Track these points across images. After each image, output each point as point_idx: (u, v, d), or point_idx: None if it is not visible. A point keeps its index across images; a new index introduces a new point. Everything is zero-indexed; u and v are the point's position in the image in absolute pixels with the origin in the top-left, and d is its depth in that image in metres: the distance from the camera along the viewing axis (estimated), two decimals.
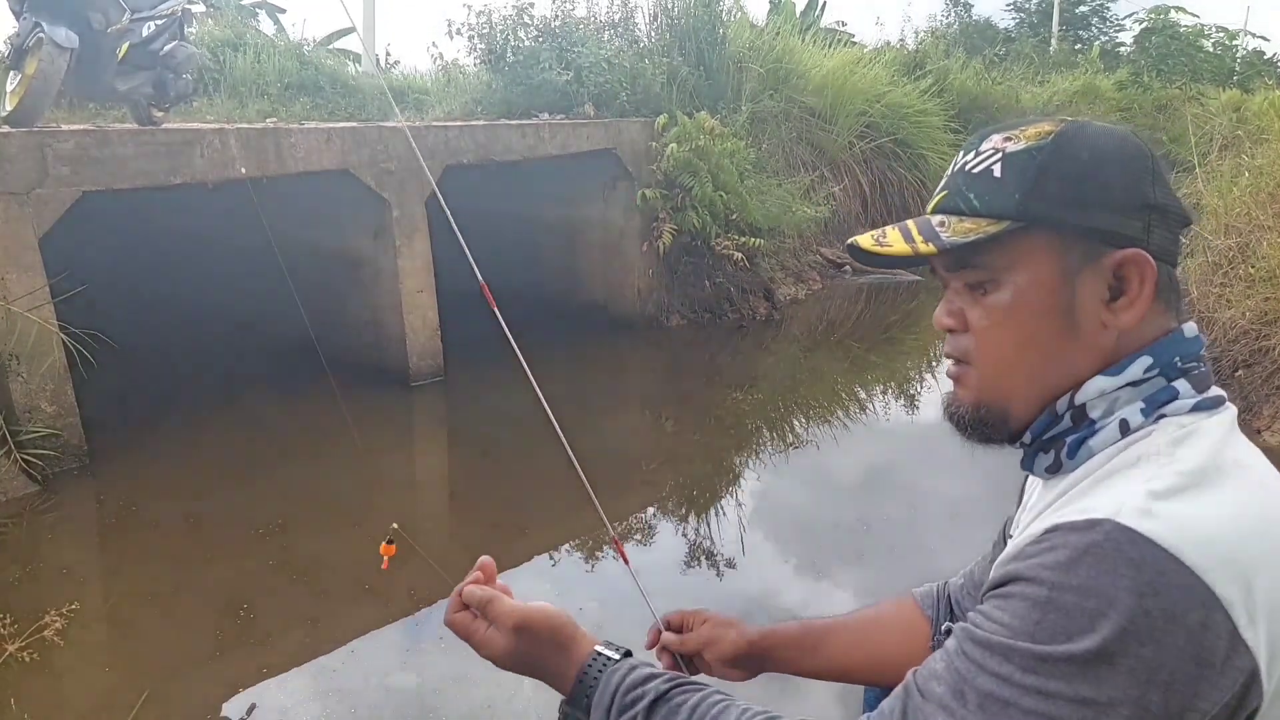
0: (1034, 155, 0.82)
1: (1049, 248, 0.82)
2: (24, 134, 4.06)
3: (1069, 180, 0.81)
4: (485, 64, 7.83)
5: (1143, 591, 0.65)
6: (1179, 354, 0.82)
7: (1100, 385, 0.81)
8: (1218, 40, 22.19)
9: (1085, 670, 0.65)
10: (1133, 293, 0.80)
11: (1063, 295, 0.81)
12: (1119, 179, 0.81)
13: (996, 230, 0.81)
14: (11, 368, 4.04)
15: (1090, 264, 0.81)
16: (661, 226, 6.78)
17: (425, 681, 2.86)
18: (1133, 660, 0.65)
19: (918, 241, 0.85)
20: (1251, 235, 5.27)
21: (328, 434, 5.09)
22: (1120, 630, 0.65)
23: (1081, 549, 0.68)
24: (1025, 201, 0.81)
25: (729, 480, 4.53)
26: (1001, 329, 0.84)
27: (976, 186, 0.84)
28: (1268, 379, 4.64)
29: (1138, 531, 0.67)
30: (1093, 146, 0.82)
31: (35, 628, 2.01)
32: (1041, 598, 0.68)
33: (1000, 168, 0.83)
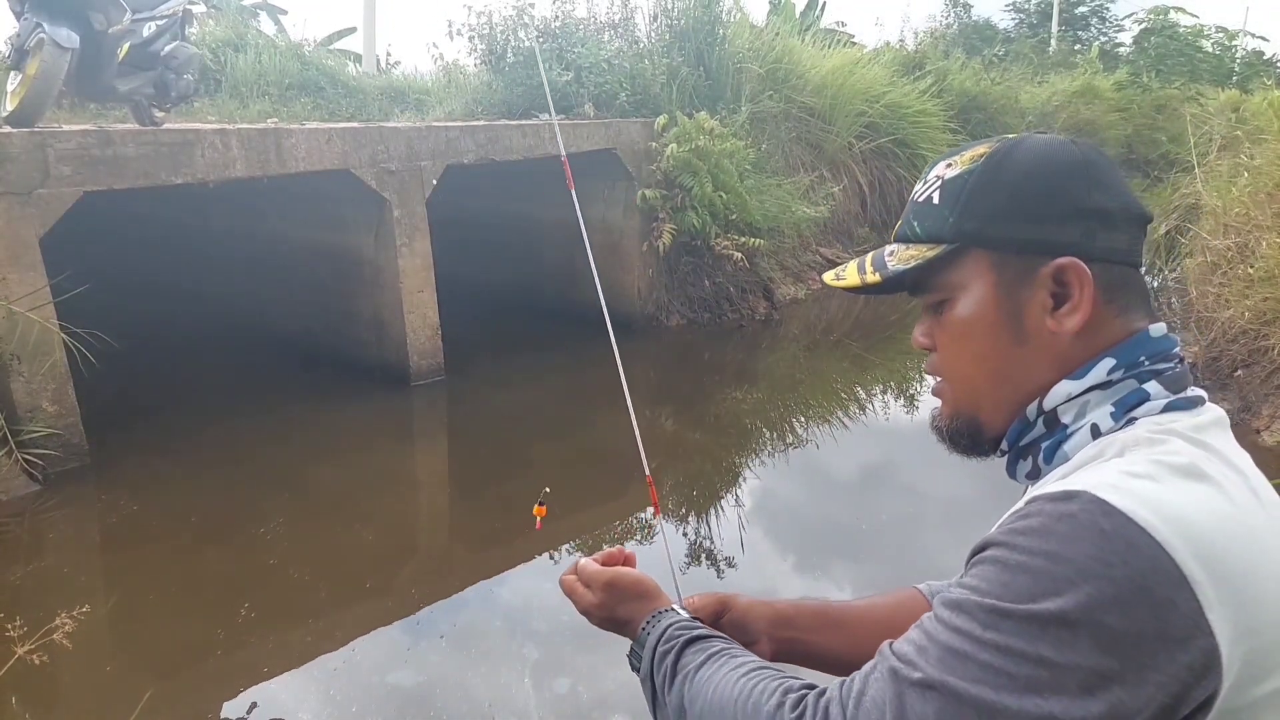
0: (965, 179, 0.87)
1: (986, 264, 0.86)
2: (25, 134, 4.07)
3: (997, 198, 0.85)
4: (485, 64, 7.85)
5: (1111, 561, 0.66)
6: (1144, 354, 0.83)
7: (1066, 389, 0.83)
8: (1217, 40, 22.22)
9: (1045, 631, 0.67)
10: (1074, 299, 0.83)
11: (1005, 307, 0.85)
12: (1047, 190, 0.84)
13: (934, 254, 0.87)
14: (13, 367, 4.04)
15: (1029, 275, 0.84)
16: (661, 226, 6.79)
17: (426, 680, 2.86)
18: (1094, 627, 0.66)
19: (868, 273, 0.92)
20: (1250, 235, 5.28)
21: (329, 432, 5.10)
22: (1085, 597, 0.66)
23: (1055, 516, 0.70)
24: (958, 223, 0.86)
25: (729, 480, 4.54)
26: (958, 344, 0.90)
27: (919, 214, 0.90)
28: (1266, 379, 4.65)
29: (1111, 504, 0.69)
30: (1022, 162, 0.86)
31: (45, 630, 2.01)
32: (1011, 561, 0.70)
33: (938, 194, 0.89)
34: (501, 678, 2.84)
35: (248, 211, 6.26)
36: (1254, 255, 5.09)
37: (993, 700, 0.67)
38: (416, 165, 5.49)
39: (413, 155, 5.47)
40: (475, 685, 2.80)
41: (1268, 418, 4.48)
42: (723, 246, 6.96)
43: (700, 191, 6.72)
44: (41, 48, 4.34)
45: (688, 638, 0.96)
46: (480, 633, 3.12)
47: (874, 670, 0.75)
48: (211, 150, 4.59)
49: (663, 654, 0.96)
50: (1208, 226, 5.86)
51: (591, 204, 7.28)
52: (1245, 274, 5.07)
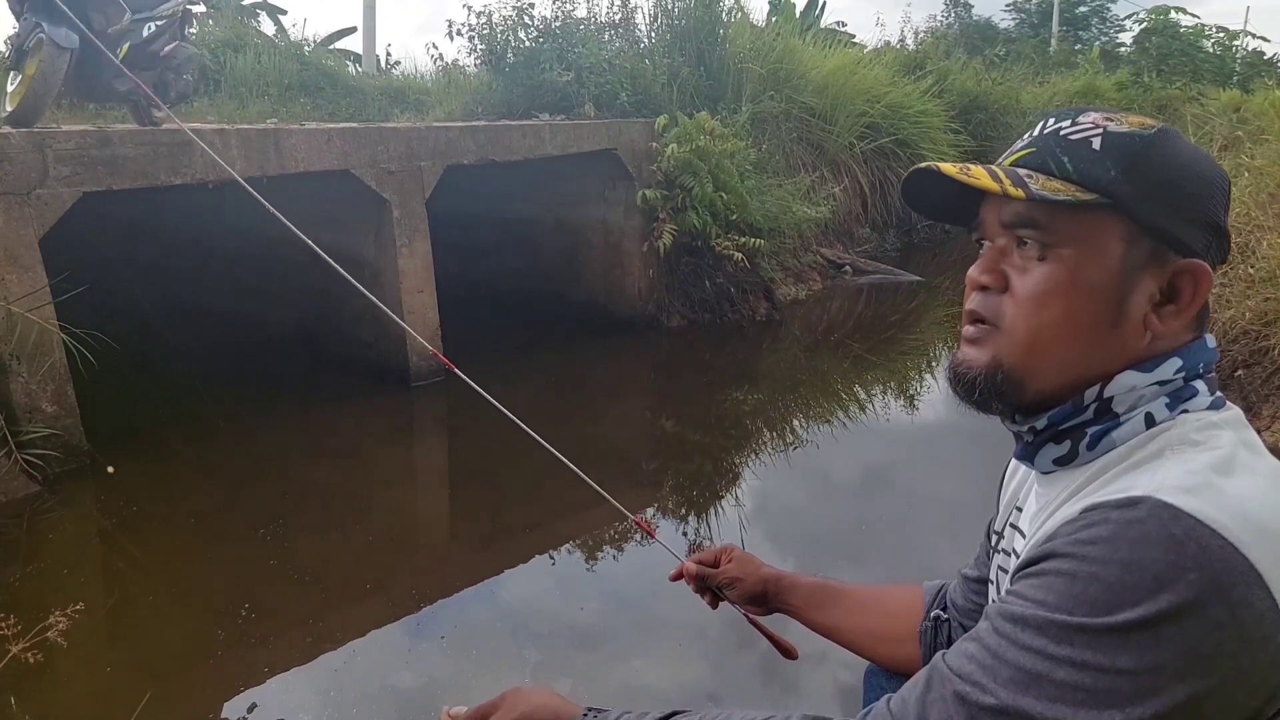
0: (1135, 140, 0.83)
1: (1123, 234, 0.82)
2: (24, 134, 4.07)
3: (1161, 177, 0.82)
4: (486, 65, 7.85)
5: (1186, 565, 0.65)
6: (1203, 360, 0.84)
7: (1132, 380, 0.82)
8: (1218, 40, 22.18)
9: (1126, 640, 0.65)
10: (1183, 301, 0.82)
11: (1121, 284, 0.82)
12: (1202, 193, 0.83)
13: (1086, 199, 0.81)
14: (12, 368, 4.04)
15: (1154, 263, 0.82)
16: (661, 227, 6.78)
17: (427, 680, 2.86)
18: (1175, 631, 0.64)
19: (1005, 183, 0.83)
20: (1251, 235, 5.27)
21: (329, 433, 5.10)
22: (1164, 604, 0.64)
23: (1123, 524, 0.68)
24: (1120, 181, 0.81)
25: (729, 480, 4.53)
26: (1050, 299, 0.83)
27: (1073, 152, 0.83)
28: (1267, 379, 4.64)
29: (1179, 508, 0.68)
30: (1185, 156, 0.84)
31: (39, 628, 2.01)
32: (1082, 572, 0.68)
33: (1100, 142, 0.83)
34: (503, 678, 2.83)
35: (247, 212, 6.25)
36: (1255, 255, 5.08)
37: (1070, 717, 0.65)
38: (416, 165, 5.48)
39: (413, 155, 5.47)
40: (476, 686, 2.80)
41: (1269, 418, 4.47)
42: (723, 247, 6.95)
43: (701, 192, 6.71)
44: (41, 48, 4.34)
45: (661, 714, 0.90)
46: (481, 633, 3.12)
47: (930, 692, 0.72)
48: (211, 150, 4.58)
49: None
50: None
51: (591, 204, 7.28)
52: (1246, 274, 5.06)
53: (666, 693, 2.70)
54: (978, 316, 0.88)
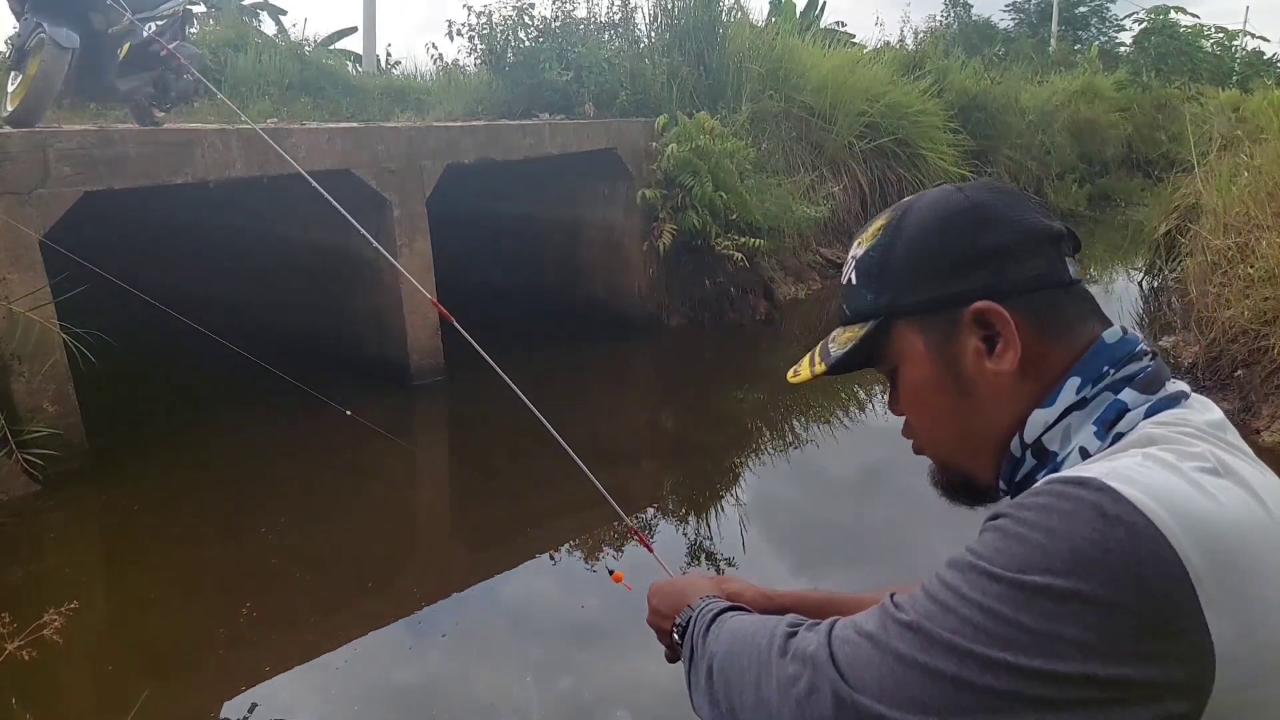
0: (871, 255, 0.91)
1: (914, 330, 0.89)
2: (26, 134, 4.07)
3: (900, 267, 0.88)
4: (486, 64, 7.85)
5: (1109, 548, 0.66)
6: (1106, 363, 0.83)
7: (1042, 418, 0.84)
8: (1217, 40, 22.21)
9: (1030, 601, 0.67)
10: (1004, 336, 0.84)
11: (941, 364, 0.87)
12: (941, 246, 0.87)
13: (863, 333, 0.91)
14: (13, 368, 4.04)
15: (952, 329, 0.86)
16: (661, 226, 6.78)
17: (428, 679, 2.87)
18: (1080, 607, 0.66)
19: (816, 364, 0.97)
20: (1250, 235, 5.28)
21: (329, 433, 5.10)
22: (1074, 579, 0.66)
23: (1062, 496, 0.70)
24: (875, 299, 0.90)
25: (729, 480, 4.54)
26: (916, 408, 0.93)
27: (846, 297, 0.95)
28: (1267, 379, 4.64)
29: (1120, 491, 0.68)
30: (912, 226, 0.89)
31: (35, 626, 2.01)
32: (1010, 530, 0.71)
33: (855, 275, 0.93)
34: (503, 676, 2.84)
35: (247, 211, 6.26)
36: (1254, 255, 5.09)
37: (964, 647, 0.68)
38: (417, 165, 5.49)
39: (413, 155, 5.47)
40: (477, 684, 2.80)
41: (1268, 418, 4.48)
42: (723, 246, 6.95)
43: (700, 191, 6.72)
44: (42, 48, 4.34)
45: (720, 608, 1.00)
46: (481, 631, 3.12)
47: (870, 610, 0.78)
48: (211, 150, 4.59)
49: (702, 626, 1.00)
50: (1208, 226, 5.86)
51: (592, 204, 7.28)
52: (1245, 274, 5.06)
53: (667, 689, 2.71)
54: (907, 434, 0.98)
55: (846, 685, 0.73)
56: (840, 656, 0.75)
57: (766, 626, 0.85)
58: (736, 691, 0.84)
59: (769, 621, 0.87)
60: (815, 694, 0.75)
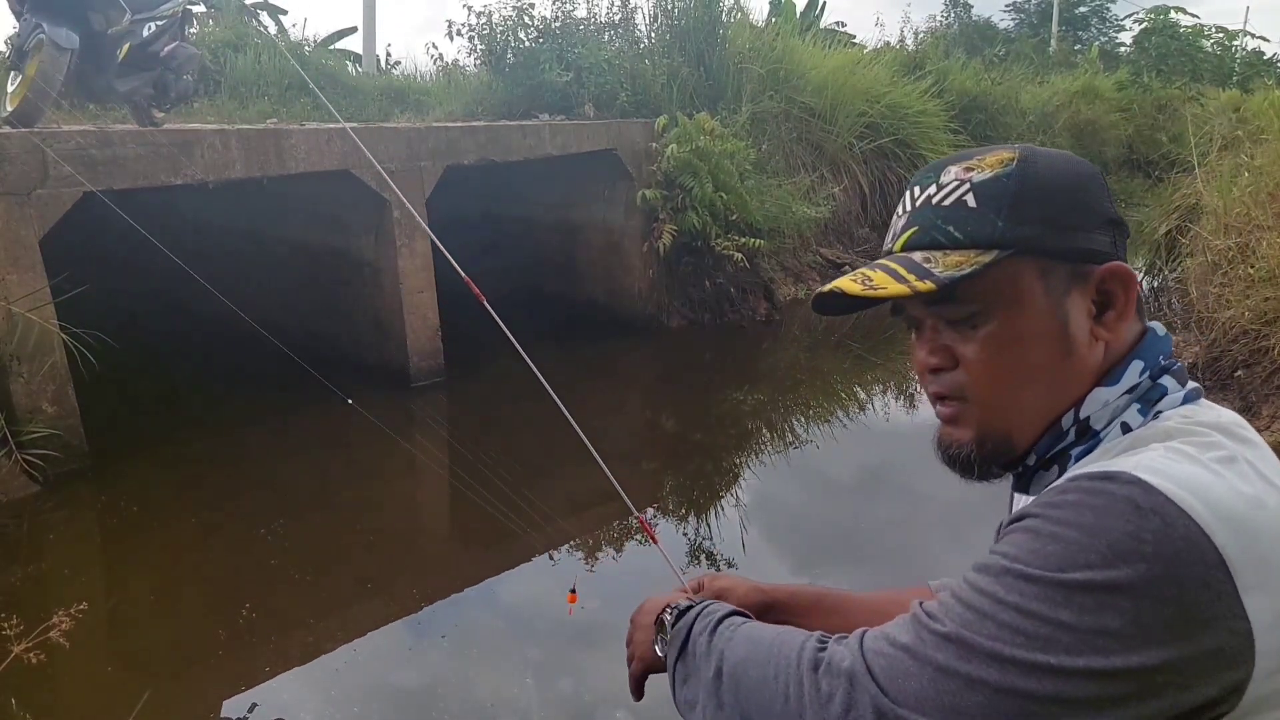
0: (1004, 182, 0.82)
1: (1036, 272, 0.82)
2: (25, 134, 4.07)
3: (1043, 204, 0.82)
4: (485, 65, 7.84)
5: (1145, 539, 0.66)
6: (1161, 351, 0.84)
7: (1103, 396, 0.82)
8: (1217, 40, 22.21)
9: (1070, 598, 0.66)
10: (1119, 305, 0.82)
11: (1056, 317, 0.82)
12: (1085, 198, 0.83)
13: (988, 260, 0.80)
14: (13, 369, 4.04)
15: (1077, 283, 0.82)
16: (661, 227, 6.78)
17: (428, 680, 2.86)
18: (1121, 600, 0.66)
19: (910, 280, 0.83)
20: (1251, 235, 5.27)
21: (329, 433, 5.10)
22: (1114, 572, 0.66)
23: (1094, 492, 0.70)
24: (1008, 228, 0.81)
25: (729, 480, 4.53)
26: (1000, 359, 0.83)
27: (953, 218, 0.83)
28: (1267, 379, 4.64)
29: (1152, 484, 0.68)
30: (1056, 170, 0.84)
31: (41, 628, 2.01)
32: (1044, 530, 0.70)
33: (973, 197, 0.83)
34: (503, 677, 2.83)
35: (247, 212, 6.26)
36: (1255, 255, 5.08)
37: (1006, 654, 0.67)
38: (416, 165, 5.48)
39: (413, 155, 5.47)
40: (477, 685, 2.80)
41: (1268, 418, 4.48)
42: (723, 247, 6.95)
43: (701, 192, 6.72)
44: (41, 48, 4.34)
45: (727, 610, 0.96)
46: (481, 632, 3.12)
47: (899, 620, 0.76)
48: (211, 150, 4.59)
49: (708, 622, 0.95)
50: (1208, 226, 5.85)
51: (592, 204, 7.28)
52: (1246, 274, 5.06)
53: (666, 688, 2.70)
54: (944, 396, 0.88)
55: (887, 699, 0.71)
56: (877, 670, 0.73)
57: (793, 639, 0.82)
58: (756, 702, 0.81)
59: (794, 634, 0.83)
60: (854, 709, 0.72)
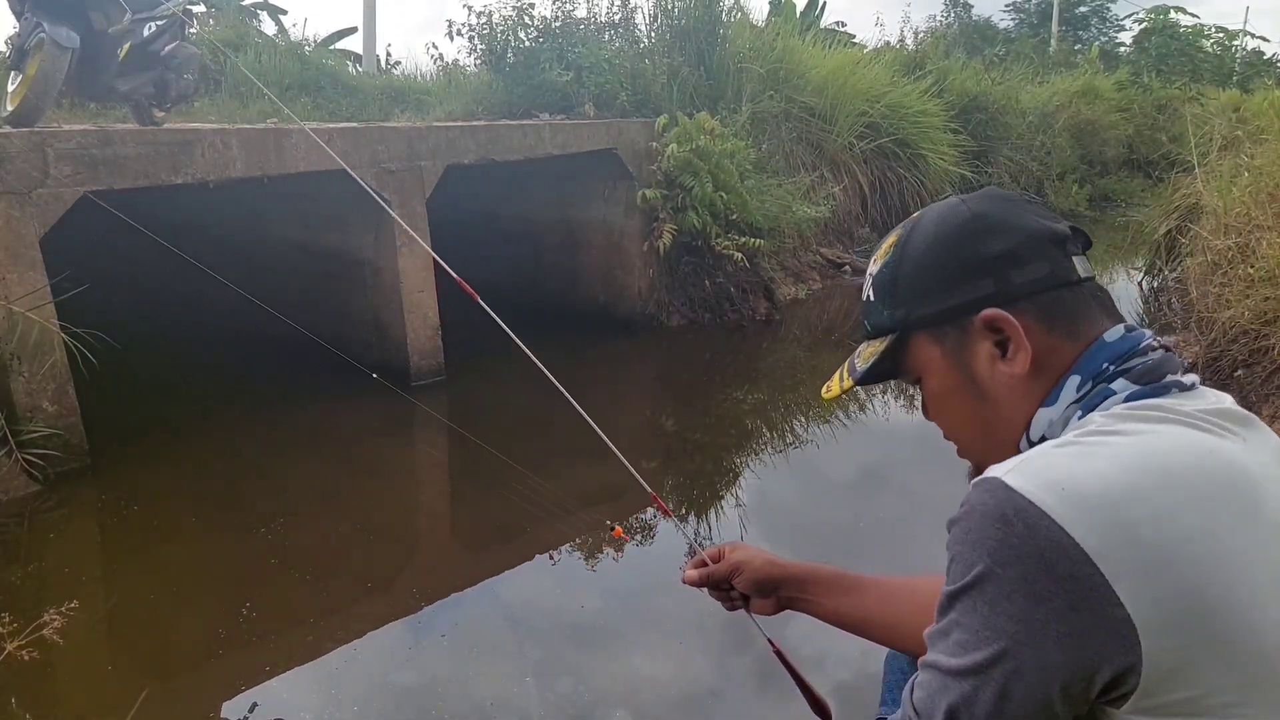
0: (885, 271, 0.96)
1: (929, 340, 0.93)
2: (25, 134, 4.07)
3: (911, 281, 0.93)
4: (485, 64, 7.85)
5: (1013, 543, 0.73)
6: (1106, 360, 0.86)
7: (1046, 416, 0.88)
8: (1217, 40, 22.21)
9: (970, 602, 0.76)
10: (1015, 341, 0.88)
11: (958, 373, 0.92)
12: (946, 257, 0.91)
13: (884, 347, 0.96)
14: (13, 368, 4.04)
15: (964, 337, 0.90)
16: (662, 226, 6.78)
17: (427, 679, 2.86)
18: (1007, 603, 0.73)
19: (845, 380, 1.03)
20: (1251, 235, 5.27)
21: (329, 433, 5.10)
22: (990, 575, 0.74)
23: (972, 505, 0.79)
24: (892, 314, 0.95)
25: (729, 480, 4.53)
26: (942, 414, 0.98)
27: (866, 313, 1.00)
28: (1267, 379, 4.64)
29: (1012, 487, 0.75)
30: (919, 241, 0.93)
31: (34, 625, 2.01)
32: (951, 550, 0.81)
33: (871, 291, 0.98)
34: (503, 677, 2.83)
35: (247, 212, 6.25)
36: (1255, 255, 5.08)
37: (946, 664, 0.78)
38: (416, 165, 5.48)
39: (413, 155, 5.47)
40: (476, 684, 2.80)
41: (1268, 417, 4.48)
42: (723, 246, 6.95)
43: (701, 191, 6.72)
44: (41, 48, 4.34)
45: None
46: (481, 632, 3.12)
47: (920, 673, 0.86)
48: (211, 150, 4.59)
49: None
50: (1208, 226, 5.86)
51: (592, 204, 7.28)
52: (1246, 274, 5.06)
53: (668, 688, 2.71)
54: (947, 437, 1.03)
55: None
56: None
57: None
58: None
59: None
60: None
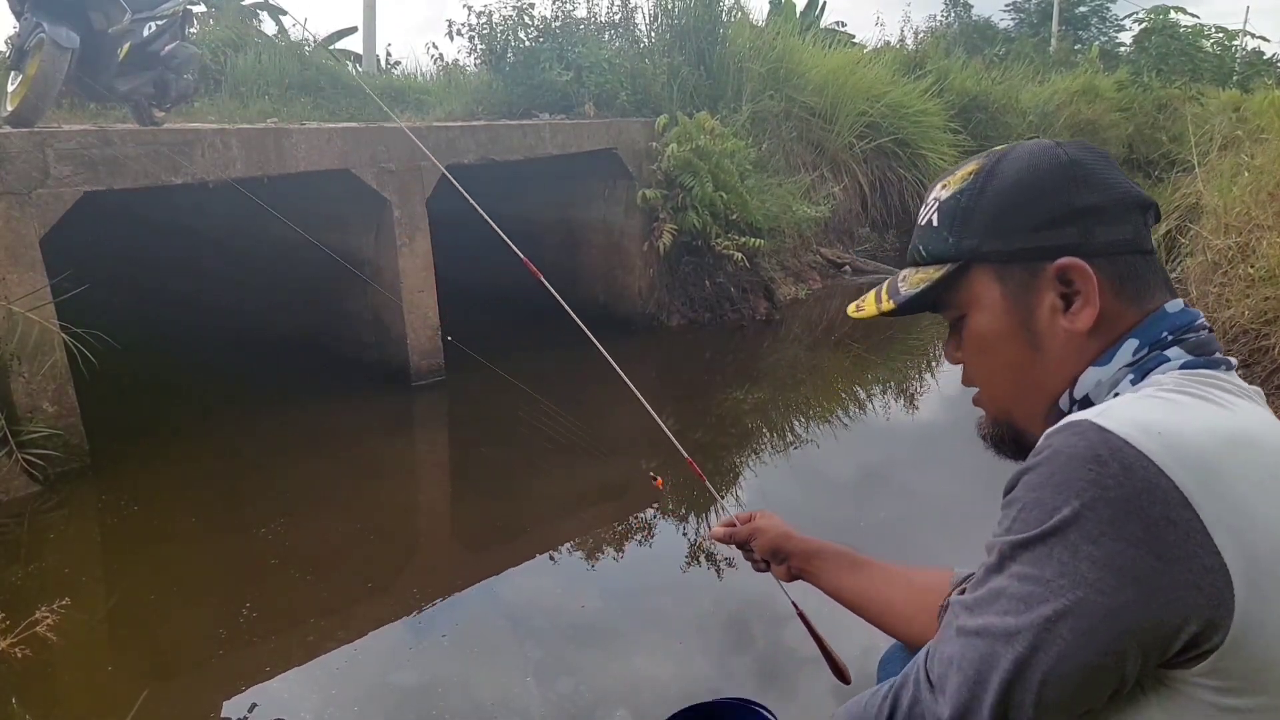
0: (959, 198, 0.90)
1: (991, 277, 0.89)
2: (25, 134, 4.07)
3: (990, 213, 0.88)
4: (485, 64, 7.84)
5: (1107, 484, 0.69)
6: (1166, 329, 0.85)
7: (1095, 375, 0.85)
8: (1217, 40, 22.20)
9: (1050, 550, 0.71)
10: (1084, 295, 0.85)
11: (1015, 317, 0.88)
12: (1036, 197, 0.87)
13: (939, 275, 0.90)
14: (13, 368, 4.04)
15: (1033, 281, 0.87)
16: (662, 226, 6.78)
17: (428, 679, 2.86)
18: (1092, 548, 0.69)
19: (884, 301, 0.96)
20: (1251, 235, 5.27)
21: (330, 433, 5.10)
22: (1077, 518, 0.70)
23: (1058, 447, 0.74)
24: (958, 242, 0.89)
25: (729, 480, 4.53)
26: (979, 356, 0.93)
27: (923, 238, 0.94)
28: (1267, 379, 4.64)
29: (1109, 429, 0.72)
30: (1009, 174, 0.88)
31: (27, 623, 2.01)
32: (1024, 499, 0.75)
33: (936, 216, 0.92)
34: (504, 677, 2.83)
35: (247, 211, 6.25)
36: (1255, 255, 5.08)
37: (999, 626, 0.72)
38: (416, 165, 5.48)
39: (413, 155, 5.47)
40: (477, 684, 2.80)
41: None
42: (723, 246, 6.95)
43: (701, 191, 6.71)
44: (41, 48, 4.34)
45: None
46: (482, 632, 3.12)
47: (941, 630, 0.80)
48: (211, 150, 4.59)
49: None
50: (1208, 226, 5.85)
51: (592, 204, 7.28)
52: (1246, 274, 5.06)
53: (668, 688, 2.71)
54: (967, 383, 0.98)
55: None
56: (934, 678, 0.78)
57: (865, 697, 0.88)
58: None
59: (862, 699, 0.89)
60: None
